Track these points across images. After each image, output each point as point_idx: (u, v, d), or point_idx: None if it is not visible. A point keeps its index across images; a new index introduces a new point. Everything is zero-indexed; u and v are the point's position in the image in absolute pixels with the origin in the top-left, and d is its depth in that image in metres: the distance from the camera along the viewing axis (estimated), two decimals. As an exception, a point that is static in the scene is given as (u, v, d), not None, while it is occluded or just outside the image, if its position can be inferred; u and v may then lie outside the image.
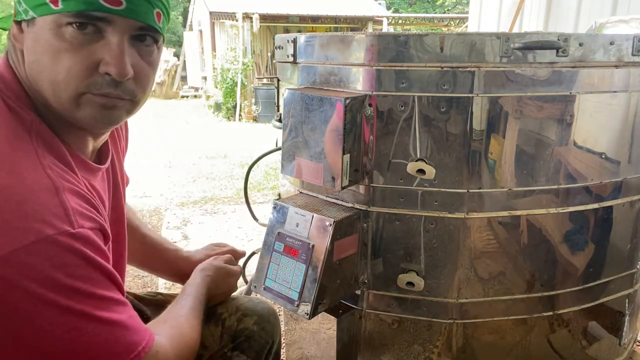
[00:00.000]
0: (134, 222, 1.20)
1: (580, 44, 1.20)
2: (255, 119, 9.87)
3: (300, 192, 1.49)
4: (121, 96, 0.74)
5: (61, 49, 0.69)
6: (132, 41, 0.74)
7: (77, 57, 0.70)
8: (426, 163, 1.24)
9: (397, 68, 1.21)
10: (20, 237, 0.62)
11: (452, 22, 14.28)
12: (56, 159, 0.72)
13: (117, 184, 0.95)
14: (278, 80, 1.69)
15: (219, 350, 1.09)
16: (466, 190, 1.25)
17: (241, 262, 1.40)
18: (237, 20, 10.76)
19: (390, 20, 13.37)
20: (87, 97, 0.72)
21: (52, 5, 0.68)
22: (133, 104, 0.78)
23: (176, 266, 1.24)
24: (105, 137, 0.87)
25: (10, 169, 0.66)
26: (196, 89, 14.39)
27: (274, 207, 1.40)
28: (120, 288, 0.75)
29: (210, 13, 12.27)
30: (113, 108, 0.75)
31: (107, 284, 0.71)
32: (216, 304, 1.15)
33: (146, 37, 0.76)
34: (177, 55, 15.23)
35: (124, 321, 0.72)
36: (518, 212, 1.28)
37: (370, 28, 12.73)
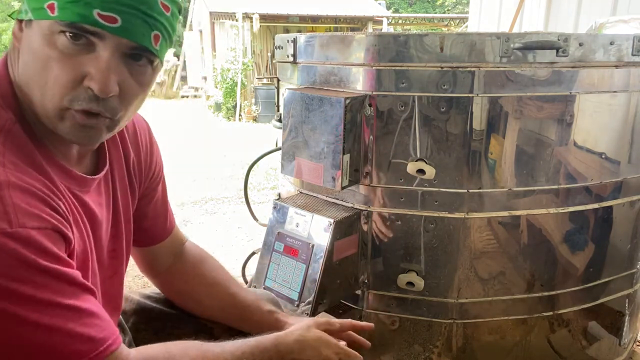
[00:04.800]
0: (219, 278, 1.09)
1: (580, 44, 1.20)
2: (255, 119, 9.86)
3: (300, 192, 1.49)
4: (102, 113, 0.72)
5: (51, 57, 0.69)
6: (125, 58, 0.72)
7: (65, 66, 0.69)
8: (426, 163, 1.24)
9: (397, 68, 1.21)
10: None
11: (452, 22, 14.26)
12: (20, 160, 0.69)
13: (116, 198, 0.90)
14: (278, 80, 1.69)
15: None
16: (466, 190, 1.25)
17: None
18: (237, 20, 10.76)
19: (390, 20, 13.35)
20: (70, 112, 0.71)
21: (48, 11, 0.68)
22: (113, 122, 0.75)
23: (269, 329, 1.02)
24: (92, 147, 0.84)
25: None
26: (196, 89, 14.37)
27: (274, 207, 1.40)
28: (83, 286, 0.70)
29: (210, 13, 12.26)
30: (92, 129, 0.73)
31: (55, 287, 0.66)
32: None
33: (141, 56, 0.74)
34: (177, 55, 15.20)
35: (68, 328, 0.67)
36: (518, 212, 1.28)
37: (370, 28, 12.71)
